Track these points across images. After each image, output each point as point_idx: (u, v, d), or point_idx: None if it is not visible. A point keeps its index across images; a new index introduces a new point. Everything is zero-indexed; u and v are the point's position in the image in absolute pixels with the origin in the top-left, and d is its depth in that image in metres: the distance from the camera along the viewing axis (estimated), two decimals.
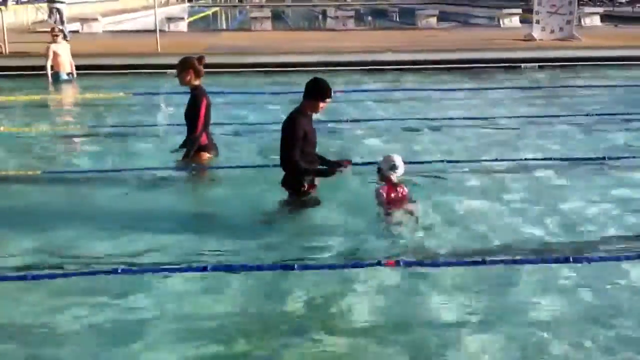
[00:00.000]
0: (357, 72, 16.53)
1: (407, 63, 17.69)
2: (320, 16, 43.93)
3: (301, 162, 6.47)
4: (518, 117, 11.16)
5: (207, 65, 7.98)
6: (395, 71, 16.88)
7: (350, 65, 17.07)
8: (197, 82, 7.86)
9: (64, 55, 15.01)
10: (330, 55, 17.97)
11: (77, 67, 15.31)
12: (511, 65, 17.50)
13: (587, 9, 30.44)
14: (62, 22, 22.94)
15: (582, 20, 28.73)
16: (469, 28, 31.96)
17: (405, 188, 6.55)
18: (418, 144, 9.42)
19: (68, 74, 15.10)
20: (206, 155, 8.04)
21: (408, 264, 5.32)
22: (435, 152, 8.94)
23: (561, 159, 8.51)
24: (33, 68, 15.87)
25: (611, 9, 38.86)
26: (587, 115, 11.29)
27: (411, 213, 6.44)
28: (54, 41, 14.87)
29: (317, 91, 6.51)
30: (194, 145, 7.84)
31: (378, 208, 6.47)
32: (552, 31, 22.21)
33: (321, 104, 6.55)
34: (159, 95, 13.71)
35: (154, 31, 20.12)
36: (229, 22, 45.00)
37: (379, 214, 6.43)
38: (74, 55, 15.38)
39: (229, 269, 5.28)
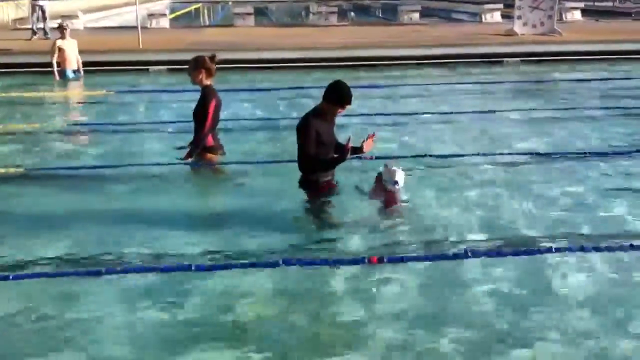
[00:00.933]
0: (339, 68, 16.52)
1: (390, 59, 17.71)
2: (303, 12, 43.83)
3: (316, 164, 6.40)
4: (500, 111, 11.20)
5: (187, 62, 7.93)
6: (378, 67, 16.89)
7: (332, 61, 17.08)
8: (208, 82, 7.72)
9: (70, 52, 14.80)
10: (312, 51, 17.97)
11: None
12: (493, 60, 17.58)
13: (568, 4, 30.61)
14: (44, 19, 22.77)
15: (563, 15, 28.90)
16: (451, 23, 32.04)
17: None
18: (400, 139, 9.45)
19: (74, 71, 14.91)
20: (212, 157, 7.95)
21: (392, 261, 5.34)
22: (416, 146, 8.96)
23: (540, 154, 8.56)
24: (14, 65, 15.76)
25: (592, 3, 39.10)
26: (567, 109, 11.37)
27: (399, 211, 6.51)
28: (62, 37, 14.68)
29: (337, 96, 6.33)
30: (199, 145, 7.72)
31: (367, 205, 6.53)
32: (534, 26, 22.32)
33: (339, 109, 6.41)
34: (141, 92, 13.68)
35: (136, 27, 20.00)
36: (212, 18, 44.83)
37: (366, 212, 6.48)
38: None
39: (213, 267, 5.27)
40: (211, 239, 5.99)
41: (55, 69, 14.66)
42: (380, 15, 43.00)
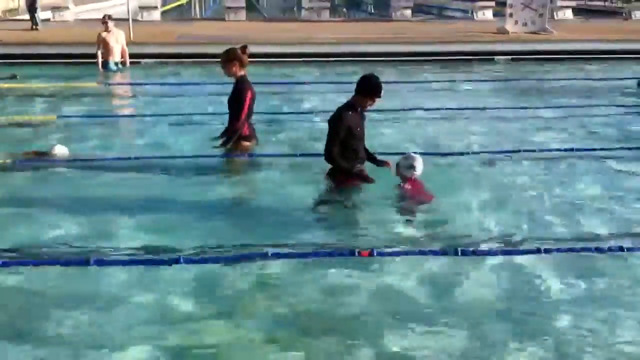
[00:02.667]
0: (330, 64, 16.52)
1: (381, 55, 17.71)
2: (295, 7, 43.74)
3: (340, 160, 6.62)
4: (490, 108, 11.22)
5: (179, 55, 7.94)
6: (369, 63, 16.89)
7: (323, 56, 17.05)
8: (242, 73, 7.94)
9: (113, 44, 14.68)
10: (304, 46, 17.94)
11: (49, 56, 15.09)
12: (484, 58, 17.61)
13: (560, 2, 30.68)
14: (35, 10, 22.66)
15: (554, 14, 28.97)
16: (443, 20, 32.04)
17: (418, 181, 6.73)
18: (391, 135, 9.44)
19: (116, 64, 14.76)
20: (247, 145, 8.12)
21: (382, 254, 5.34)
22: (407, 143, 8.96)
23: (531, 150, 8.59)
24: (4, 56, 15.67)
25: (583, 2, 39.19)
26: (558, 107, 11.41)
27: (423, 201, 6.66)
28: (105, 29, 14.55)
29: (368, 88, 6.62)
30: (236, 134, 7.91)
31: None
32: (525, 24, 22.38)
33: (369, 102, 6.66)
34: (132, 85, 13.65)
35: (127, 20, 19.90)
36: (203, 12, 44.69)
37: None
38: (43, 44, 15.14)
39: (203, 261, 5.26)
40: (234, 229, 6.06)
41: (99, 60, 14.57)
42: (372, 11, 42.95)
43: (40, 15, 22.82)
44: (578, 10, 31.77)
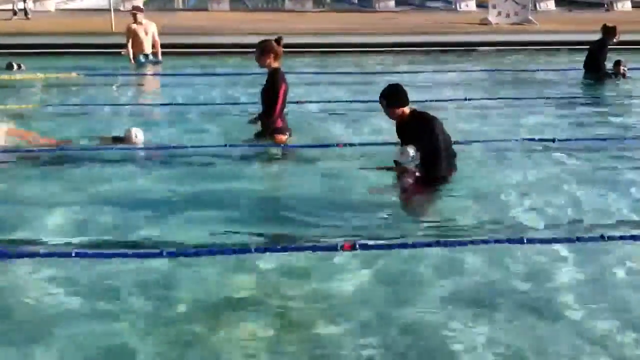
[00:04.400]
0: (313, 54, 16.49)
1: (364, 46, 17.70)
2: None
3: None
4: (473, 99, 11.24)
5: (162, 45, 7.90)
6: (352, 53, 16.88)
7: (307, 47, 17.01)
8: (276, 65, 7.96)
9: (142, 37, 14.33)
10: (287, 37, 17.85)
11: (29, 46, 14.94)
12: (467, 49, 17.64)
13: None
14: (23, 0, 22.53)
15: (537, 5, 29.07)
16: (426, 11, 32.06)
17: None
18: (376, 126, 9.44)
19: (146, 56, 14.45)
20: (281, 137, 8.14)
21: (364, 247, 5.34)
22: (388, 134, 8.95)
23: (514, 140, 8.62)
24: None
25: None
26: (540, 98, 11.46)
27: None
28: (134, 21, 14.25)
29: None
30: (270, 126, 7.98)
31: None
32: (508, 15, 22.47)
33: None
34: (112, 76, 13.57)
35: (109, 10, 19.76)
36: (186, 2, 44.36)
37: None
38: (25, 34, 15.00)
39: (185, 253, 5.24)
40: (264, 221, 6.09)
41: (130, 52, 14.35)
42: (355, 2, 42.85)
43: (19, 5, 22.63)
44: (561, 1, 31.87)
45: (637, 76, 13.53)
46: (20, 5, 22.49)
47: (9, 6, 23.18)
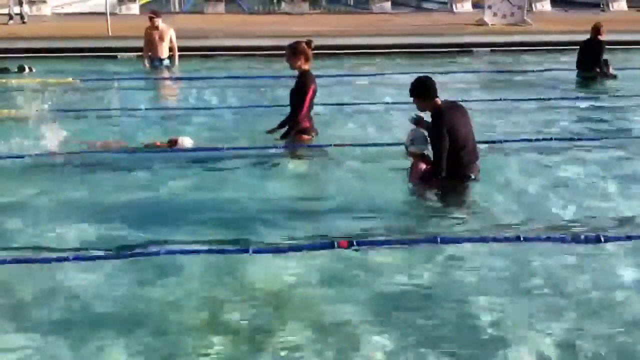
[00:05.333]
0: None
1: (360, 47, 17.71)
2: None
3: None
4: (469, 101, 11.24)
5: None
6: (349, 55, 16.89)
7: None
8: (306, 66, 8.12)
9: (157, 41, 14.23)
10: (283, 39, 17.84)
11: (26, 50, 14.89)
12: (463, 50, 17.66)
13: None
14: (20, 3, 22.49)
15: (533, 5, 29.08)
16: (422, 13, 32.07)
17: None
18: (373, 127, 9.48)
19: (160, 60, 14.31)
20: (307, 138, 8.27)
21: (360, 244, 5.36)
22: (387, 134, 8.99)
23: (511, 141, 8.64)
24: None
25: None
26: (535, 99, 11.48)
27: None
28: (151, 25, 14.19)
29: None
30: (296, 126, 8.09)
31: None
32: (504, 16, 22.49)
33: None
34: (110, 80, 13.57)
35: (105, 14, 19.74)
36: (182, 5, 44.37)
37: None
38: (22, 38, 14.99)
39: (184, 252, 5.25)
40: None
41: (145, 56, 14.37)
42: (351, 3, 42.88)
43: (15, 9, 22.62)
44: (556, 1, 31.88)
45: (638, 75, 13.57)
46: (17, 9, 22.46)
47: (5, 10, 23.19)
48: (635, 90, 12.16)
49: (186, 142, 8.31)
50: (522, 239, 5.48)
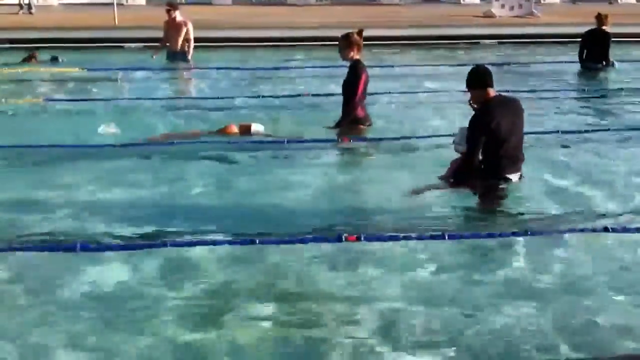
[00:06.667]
0: (316, 48, 16.46)
1: (368, 39, 17.62)
2: None
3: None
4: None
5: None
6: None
7: (310, 40, 16.99)
8: (358, 56, 8.25)
9: (172, 34, 14.01)
10: (291, 30, 17.87)
11: (33, 41, 14.90)
12: (470, 42, 17.60)
13: None
14: None
15: None
16: (430, 4, 32.02)
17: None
18: (378, 120, 9.43)
19: (173, 54, 14.07)
20: (362, 128, 8.38)
21: (369, 239, 5.34)
22: (392, 127, 8.96)
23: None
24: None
25: None
26: (544, 90, 11.44)
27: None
28: (168, 16, 14.02)
29: None
30: (350, 115, 8.22)
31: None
32: (512, 8, 22.45)
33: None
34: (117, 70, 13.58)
35: (112, 4, 19.76)
36: None
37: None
38: (29, 28, 15.03)
39: (189, 244, 5.24)
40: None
41: (161, 46, 14.29)
42: None
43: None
44: None
45: None
46: (26, 0, 22.67)
47: (16, 0, 23.36)
48: None
49: (259, 127, 8.39)
50: (528, 233, 5.45)
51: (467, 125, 6.25)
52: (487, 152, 6.15)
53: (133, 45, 16.28)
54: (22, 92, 11.58)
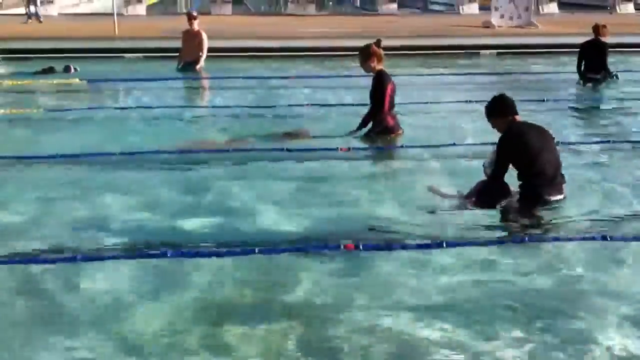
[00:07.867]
0: (315, 58, 16.49)
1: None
2: (280, 0, 43.70)
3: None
4: (476, 102, 11.22)
5: (164, 50, 7.95)
6: (354, 57, 16.84)
7: (309, 50, 17.02)
8: (380, 66, 8.47)
9: (188, 43, 14.16)
10: (289, 40, 17.91)
11: (28, 51, 14.92)
12: (469, 52, 17.63)
13: None
14: (34, 3, 22.77)
15: (540, 7, 29.05)
16: (428, 14, 32.10)
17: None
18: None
19: (187, 63, 14.14)
20: (393, 136, 8.52)
21: (367, 248, 5.35)
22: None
23: None
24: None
25: None
26: (542, 101, 11.46)
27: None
28: (190, 25, 14.15)
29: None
30: (380, 126, 8.36)
31: None
32: (511, 18, 22.47)
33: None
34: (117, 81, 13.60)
35: (112, 14, 19.80)
36: (189, 6, 44.46)
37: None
38: (27, 38, 15.05)
39: (187, 254, 5.25)
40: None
41: (180, 56, 14.33)
42: (357, 5, 42.93)
43: (40, 9, 23.02)
44: (563, 4, 31.83)
45: None
46: (32, 9, 22.84)
47: (22, 10, 23.66)
48: None
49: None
50: (526, 240, 5.48)
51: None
52: (520, 173, 6.10)
53: (133, 55, 16.29)
54: (26, 102, 11.60)
